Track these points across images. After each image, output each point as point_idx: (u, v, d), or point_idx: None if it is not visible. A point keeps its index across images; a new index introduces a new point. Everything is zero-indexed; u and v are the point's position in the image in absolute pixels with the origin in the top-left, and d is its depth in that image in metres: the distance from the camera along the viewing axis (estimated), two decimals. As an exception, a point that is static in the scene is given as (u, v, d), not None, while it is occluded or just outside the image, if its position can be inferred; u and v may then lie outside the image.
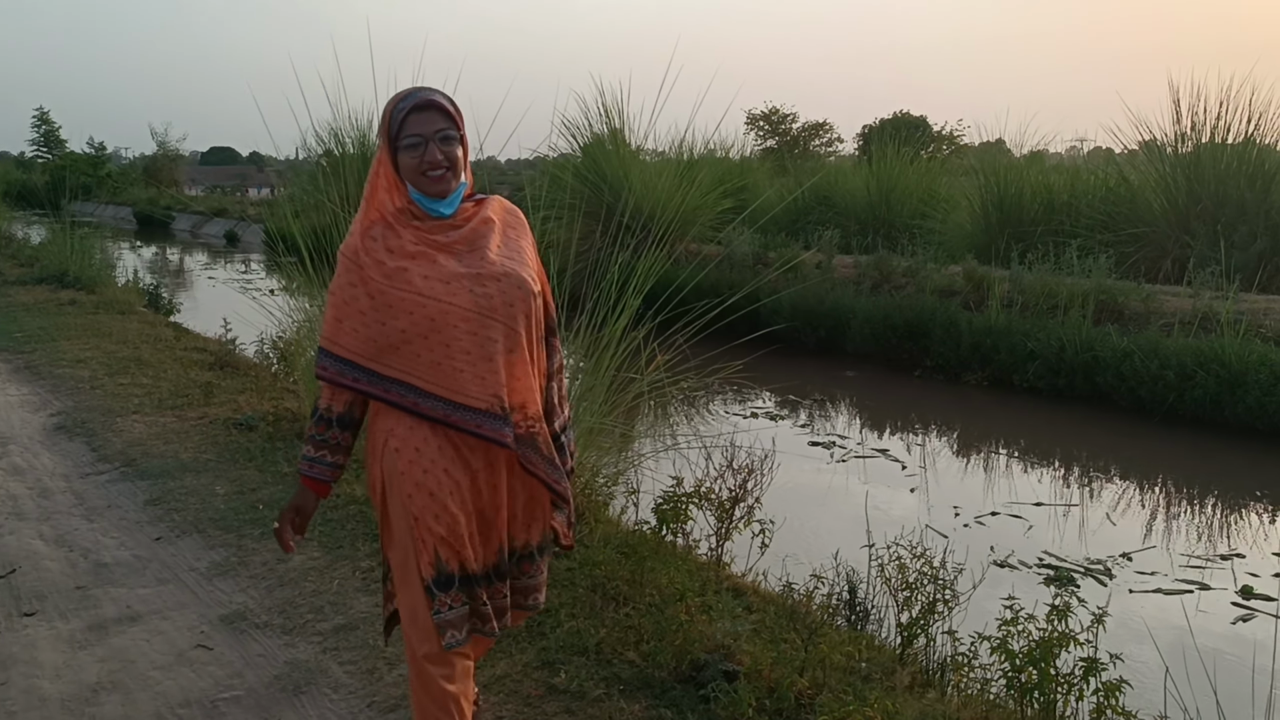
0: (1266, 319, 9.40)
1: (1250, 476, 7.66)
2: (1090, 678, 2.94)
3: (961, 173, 18.91)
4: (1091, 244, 12.79)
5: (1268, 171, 12.96)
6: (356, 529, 4.60)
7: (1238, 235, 12.26)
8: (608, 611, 3.65)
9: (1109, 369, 9.22)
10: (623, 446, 5.42)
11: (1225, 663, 4.22)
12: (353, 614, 3.75)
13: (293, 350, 7.72)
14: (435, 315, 2.26)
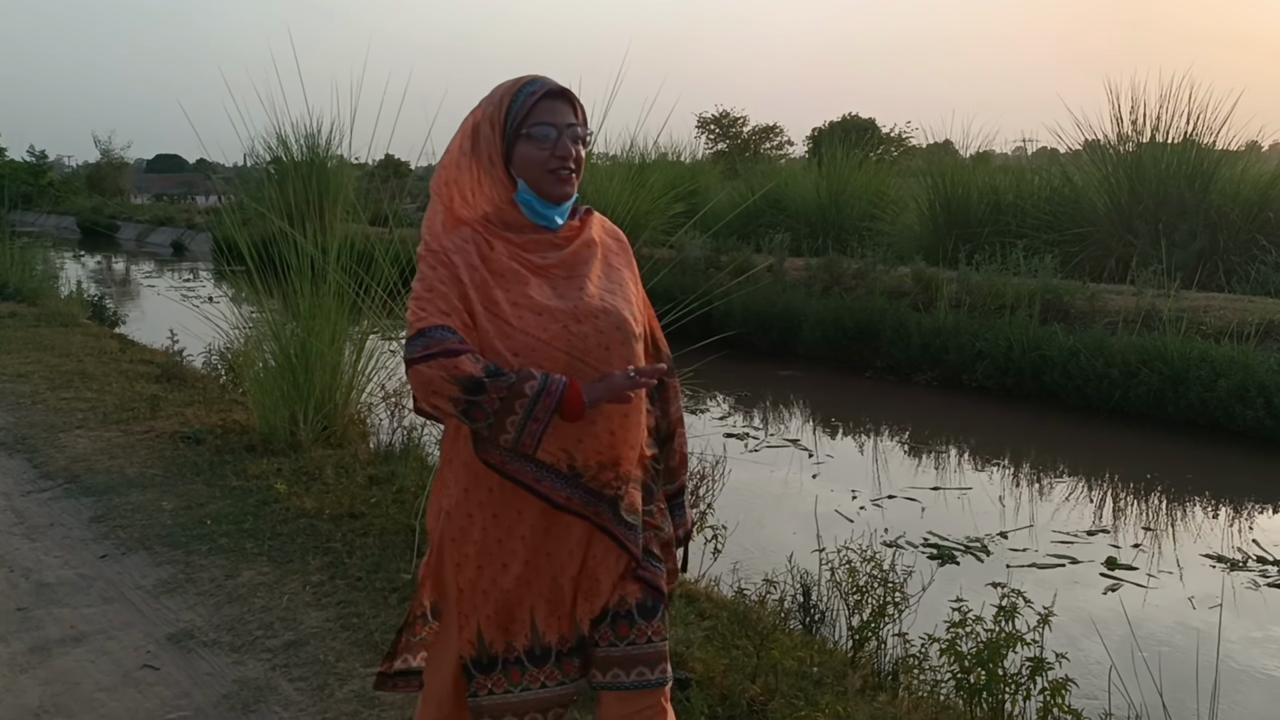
0: (1206, 316, 9.59)
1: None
2: (1037, 677, 2.98)
3: (910, 174, 19.12)
4: (1037, 244, 12.98)
5: (1206, 171, 13.23)
6: (307, 543, 4.55)
7: (1178, 234, 12.51)
8: (561, 621, 3.64)
9: (1056, 367, 9.36)
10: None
11: (1169, 655, 4.30)
12: (303, 629, 3.71)
13: (241, 361, 7.64)
14: (519, 349, 1.89)
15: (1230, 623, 4.73)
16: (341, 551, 4.42)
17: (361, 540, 4.54)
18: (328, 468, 5.50)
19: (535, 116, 1.94)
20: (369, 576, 4.14)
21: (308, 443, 5.94)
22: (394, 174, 17.86)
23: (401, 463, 5.55)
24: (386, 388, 6.48)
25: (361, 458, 5.79)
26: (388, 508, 4.86)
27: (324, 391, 6.15)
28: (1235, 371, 8.18)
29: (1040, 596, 3.44)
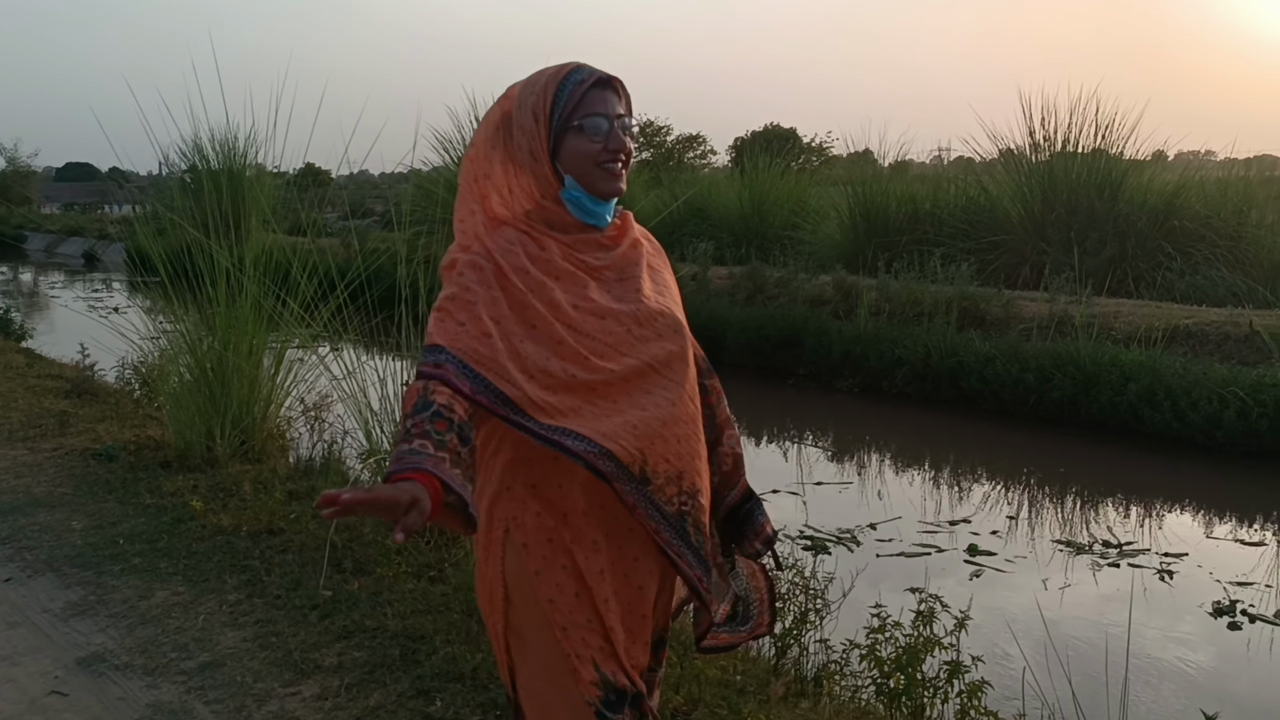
0: (1116, 322, 9.87)
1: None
2: (954, 680, 3.03)
3: (831, 183, 19.40)
4: (954, 252, 13.24)
5: (1114, 180, 13.62)
6: (223, 561, 4.45)
7: (1089, 241, 12.86)
8: (484, 636, 3.60)
9: (973, 373, 9.55)
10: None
11: (1080, 654, 4.41)
12: (219, 650, 3.63)
13: (156, 376, 7.46)
14: (591, 357, 1.75)
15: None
16: (260, 569, 4.34)
17: (280, 557, 4.46)
18: (245, 483, 5.40)
19: (586, 107, 1.78)
20: (288, 594, 4.07)
21: (225, 458, 5.82)
22: (314, 183, 17.65)
23: (322, 477, 5.47)
24: (306, 401, 6.38)
25: (280, 473, 5.69)
26: (307, 523, 4.78)
27: (242, 405, 6.04)
28: (1144, 375, 8.43)
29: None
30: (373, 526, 4.61)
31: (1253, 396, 7.74)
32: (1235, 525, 6.72)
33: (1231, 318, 9.60)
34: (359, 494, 1.40)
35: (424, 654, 3.50)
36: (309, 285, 5.82)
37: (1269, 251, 12.40)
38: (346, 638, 3.67)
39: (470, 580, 3.98)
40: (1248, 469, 7.65)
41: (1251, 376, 8.01)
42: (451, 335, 1.69)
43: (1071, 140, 14.34)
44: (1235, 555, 6.04)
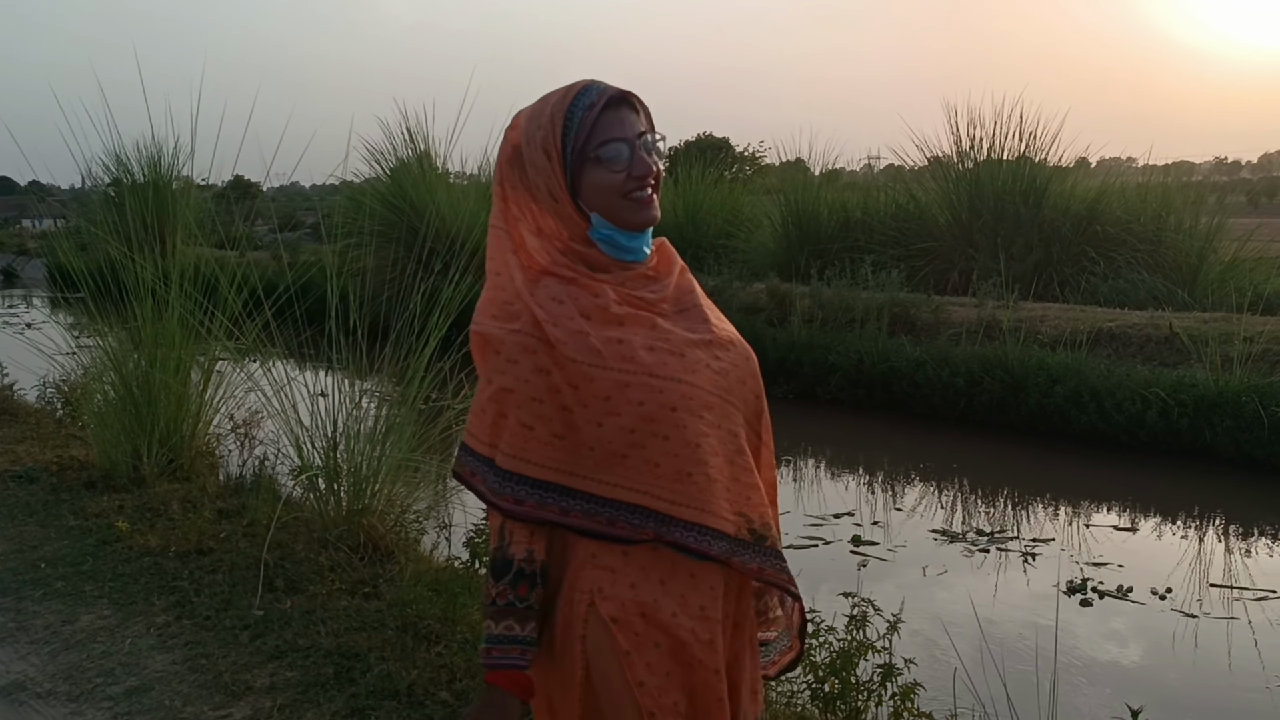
0: (1043, 325, 10.08)
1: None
2: (888, 683, 3.07)
3: (763, 192, 19.55)
4: (884, 259, 13.41)
5: (1039, 187, 13.91)
6: (151, 583, 4.36)
7: (1015, 247, 13.12)
8: (419, 652, 3.58)
9: (904, 378, 9.68)
10: (434, 481, 5.35)
11: (1015, 649, 4.49)
12: (146, 675, 3.55)
13: (79, 394, 7.30)
14: (677, 403, 1.57)
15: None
16: (189, 590, 4.25)
17: (210, 577, 4.38)
18: (174, 503, 5.29)
19: (602, 133, 1.59)
20: (218, 615, 3.99)
21: (152, 477, 5.70)
22: (244, 195, 17.40)
23: (253, 495, 5.38)
24: (235, 417, 6.27)
25: (210, 491, 5.59)
26: (238, 542, 4.70)
27: (169, 423, 5.92)
28: (1070, 378, 8.61)
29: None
30: (305, 544, 4.55)
31: (1173, 397, 7.95)
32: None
33: (1152, 320, 9.85)
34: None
35: (358, 672, 3.46)
36: (237, 300, 5.73)
37: (1187, 255, 12.75)
38: (279, 657, 3.62)
39: (405, 596, 3.95)
40: (1162, 466, 7.85)
41: (1172, 377, 8.22)
42: (520, 445, 1.57)
43: (996, 148, 14.63)
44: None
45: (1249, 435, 7.50)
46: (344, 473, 4.72)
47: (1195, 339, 8.80)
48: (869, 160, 20.97)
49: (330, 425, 4.78)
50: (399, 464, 4.77)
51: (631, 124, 1.62)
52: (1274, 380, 7.78)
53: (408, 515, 4.84)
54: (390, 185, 15.97)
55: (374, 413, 4.86)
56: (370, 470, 4.69)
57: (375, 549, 4.53)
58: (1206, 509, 7.13)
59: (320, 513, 4.73)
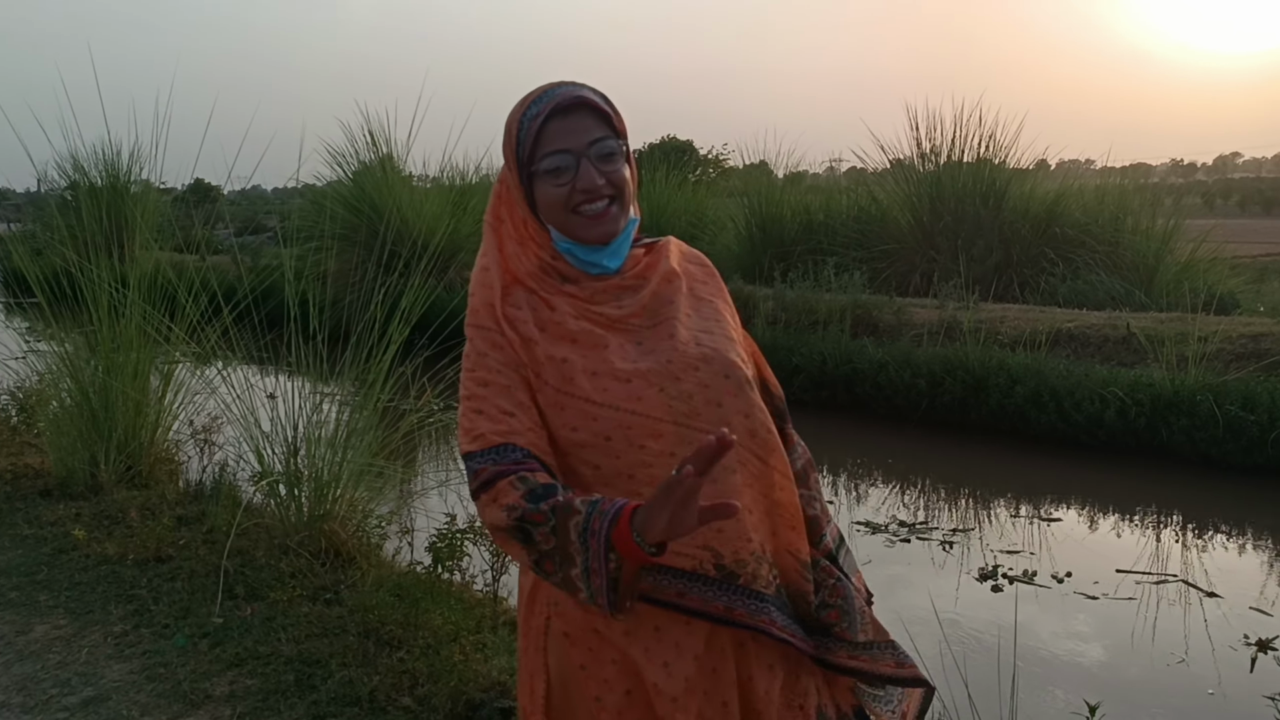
0: (1003, 326, 10.18)
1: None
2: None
3: (728, 194, 19.62)
4: (847, 261, 13.50)
5: (999, 189, 14.06)
6: (108, 591, 4.30)
7: (976, 249, 13.25)
8: (381, 658, 3.56)
9: (867, 380, 9.74)
10: (396, 485, 5.32)
11: (976, 647, 4.53)
12: (104, 684, 3.51)
13: (34, 401, 7.20)
14: (612, 431, 1.49)
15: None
16: (147, 598, 4.20)
17: (169, 585, 4.33)
18: (132, 510, 5.23)
19: (543, 146, 1.53)
20: (177, 623, 3.95)
21: (110, 484, 5.63)
22: (205, 198, 17.30)
23: (212, 501, 5.33)
24: (195, 423, 6.21)
25: (169, 498, 5.53)
26: (197, 549, 4.66)
27: (127, 430, 5.85)
28: (1030, 378, 8.69)
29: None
30: (265, 550, 4.52)
31: (1131, 396, 8.05)
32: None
33: (1110, 320, 9.98)
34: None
35: (320, 679, 3.44)
36: (195, 306, 5.67)
37: (1144, 256, 12.93)
38: (239, 665, 3.59)
39: (367, 601, 3.92)
40: (1117, 464, 7.95)
41: (1130, 377, 8.33)
42: (505, 419, 1.49)
43: (957, 150, 14.77)
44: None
45: (1204, 434, 7.62)
46: (305, 478, 4.69)
47: (1152, 339, 8.92)
48: (831, 163, 21.11)
49: (290, 430, 4.75)
50: (361, 469, 4.74)
51: (580, 132, 1.53)
52: (1228, 379, 7.90)
53: (370, 521, 4.81)
54: (352, 188, 15.89)
55: (335, 417, 4.83)
56: (332, 475, 4.66)
57: (337, 555, 4.50)
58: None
59: (281, 519, 4.70)
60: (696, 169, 30.34)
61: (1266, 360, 8.34)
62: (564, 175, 1.53)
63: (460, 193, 16.78)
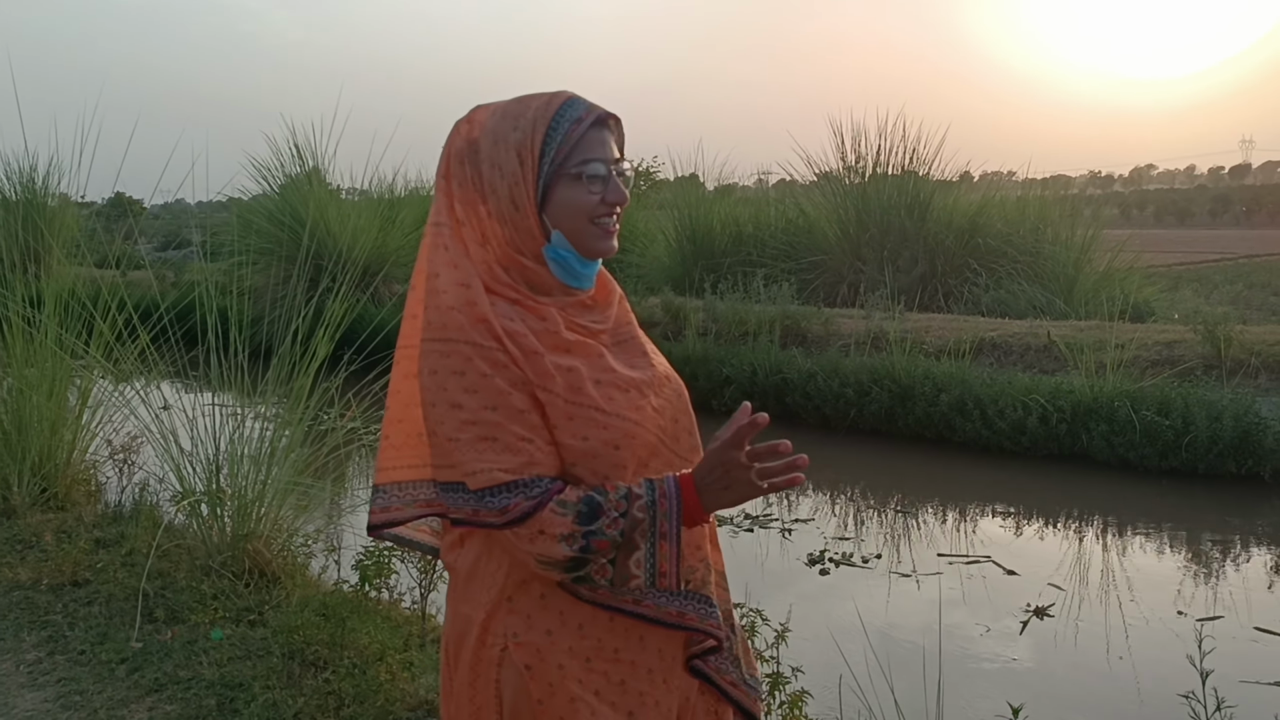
0: (928, 336, 10.35)
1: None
2: (776, 692, 3.11)
3: (658, 207, 19.69)
4: (776, 272, 13.65)
5: (923, 201, 14.32)
6: (21, 618, 4.17)
7: (901, 260, 13.48)
8: (306, 679, 3.50)
9: (796, 389, 9.84)
10: (324, 502, 5.25)
11: (903, 653, 4.59)
12: (15, 715, 3.40)
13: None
14: (620, 440, 1.49)
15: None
16: (62, 624, 4.09)
17: (85, 610, 4.22)
18: (47, 533, 5.09)
19: (585, 150, 1.51)
20: (93, 649, 3.84)
21: (23, 507, 5.47)
22: (125, 213, 16.96)
23: (132, 523, 5.21)
24: (114, 443, 6.06)
25: (87, 520, 5.39)
26: (116, 572, 4.54)
27: (42, 451, 5.70)
28: (954, 386, 8.85)
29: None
30: (187, 572, 4.42)
31: (1052, 403, 8.23)
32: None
33: (1032, 329, 10.20)
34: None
35: (242, 703, 3.37)
36: (115, 322, 5.54)
37: (1064, 266, 13.25)
38: (158, 690, 3.50)
39: (291, 622, 3.86)
40: (1025, 467, 8.14)
41: (1051, 384, 8.52)
42: (527, 460, 1.44)
43: (882, 163, 15.02)
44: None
45: (1122, 438, 7.81)
46: (228, 497, 4.60)
47: (1071, 347, 9.14)
48: (761, 176, 21.31)
49: (212, 448, 4.66)
50: (286, 486, 4.67)
51: (610, 147, 1.56)
52: (1144, 385, 8.12)
53: (295, 539, 4.74)
54: (277, 201, 15.67)
55: (259, 434, 4.75)
56: (256, 494, 4.58)
57: (261, 575, 4.43)
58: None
59: (203, 539, 4.60)
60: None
61: (1180, 366, 8.60)
62: (598, 184, 1.52)
63: (389, 205, 16.64)
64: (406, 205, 17.36)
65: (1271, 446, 7.34)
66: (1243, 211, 56.25)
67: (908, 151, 14.86)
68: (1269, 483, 7.37)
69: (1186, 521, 6.98)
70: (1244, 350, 8.62)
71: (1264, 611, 5.32)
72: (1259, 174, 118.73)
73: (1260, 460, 7.39)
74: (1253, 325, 9.95)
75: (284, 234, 13.61)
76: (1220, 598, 5.58)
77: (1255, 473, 7.43)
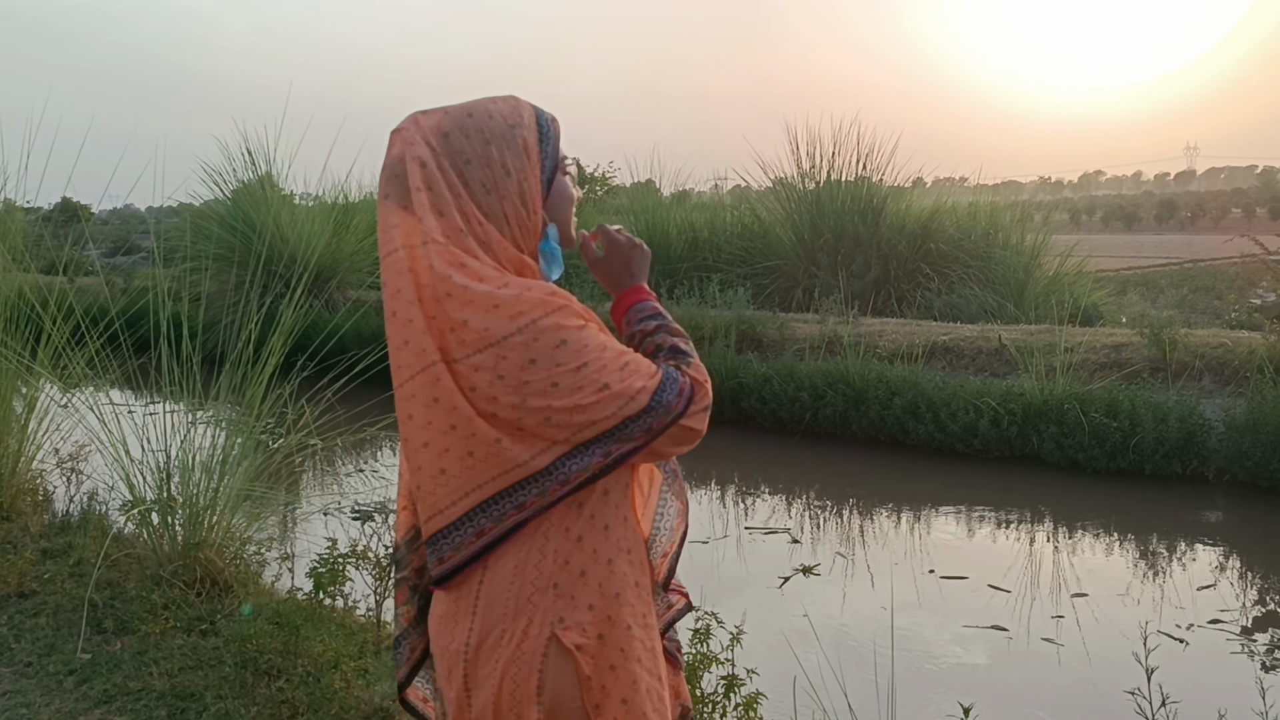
0: (881, 340, 10.45)
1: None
2: (731, 694, 3.13)
3: (614, 212, 19.70)
4: (731, 277, 13.70)
5: (876, 206, 14.45)
6: (-34, 630, 4.10)
7: (855, 265, 13.59)
8: (259, 688, 3.47)
9: (752, 394, 9.88)
10: (278, 509, 5.20)
11: (855, 656, 4.63)
12: (-40, 728, 3.35)
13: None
14: None
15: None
16: (7, 636, 4.02)
17: (32, 621, 4.15)
18: (-8, 544, 5.00)
19: (561, 151, 1.62)
20: (40, 660, 3.79)
21: (-34, 518, 5.37)
22: (73, 218, 16.69)
23: (80, 533, 5.13)
24: (61, 451, 5.96)
25: (33, 530, 5.30)
26: (63, 583, 4.47)
27: (-14, 461, 5.60)
28: (907, 390, 8.94)
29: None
30: (136, 582, 4.37)
31: (1003, 406, 8.34)
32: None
33: (983, 333, 10.33)
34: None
35: (194, 713, 3.34)
36: (61, 330, 5.46)
37: (1014, 270, 13.42)
38: (107, 702, 3.46)
39: (244, 630, 3.82)
40: (977, 469, 8.24)
41: (1002, 387, 8.64)
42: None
43: (836, 169, 15.14)
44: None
45: (1071, 440, 7.94)
46: (179, 505, 4.54)
47: (1022, 350, 9.26)
48: (717, 181, 21.40)
49: (163, 456, 4.60)
50: (238, 494, 4.62)
51: None
52: (1092, 388, 8.25)
53: (248, 547, 4.69)
54: (229, 207, 15.48)
55: (211, 441, 4.70)
56: (207, 502, 4.53)
57: (214, 584, 4.38)
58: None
59: (154, 548, 4.54)
60: (583, 187, 30.39)
61: (1127, 369, 8.75)
62: (571, 177, 1.64)
63: (343, 210, 16.51)
64: (360, 210, 17.25)
65: (1215, 447, 7.49)
66: (1187, 217, 57.29)
67: (861, 158, 15.02)
68: (1213, 482, 7.52)
69: (1135, 521, 7.11)
70: (1188, 353, 8.79)
71: (1207, 608, 5.43)
72: (1203, 180, 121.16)
73: (1205, 460, 7.55)
74: (1197, 329, 10.15)
75: (236, 239, 13.47)
76: (1168, 595, 5.69)
77: (1200, 473, 7.58)
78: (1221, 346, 8.80)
